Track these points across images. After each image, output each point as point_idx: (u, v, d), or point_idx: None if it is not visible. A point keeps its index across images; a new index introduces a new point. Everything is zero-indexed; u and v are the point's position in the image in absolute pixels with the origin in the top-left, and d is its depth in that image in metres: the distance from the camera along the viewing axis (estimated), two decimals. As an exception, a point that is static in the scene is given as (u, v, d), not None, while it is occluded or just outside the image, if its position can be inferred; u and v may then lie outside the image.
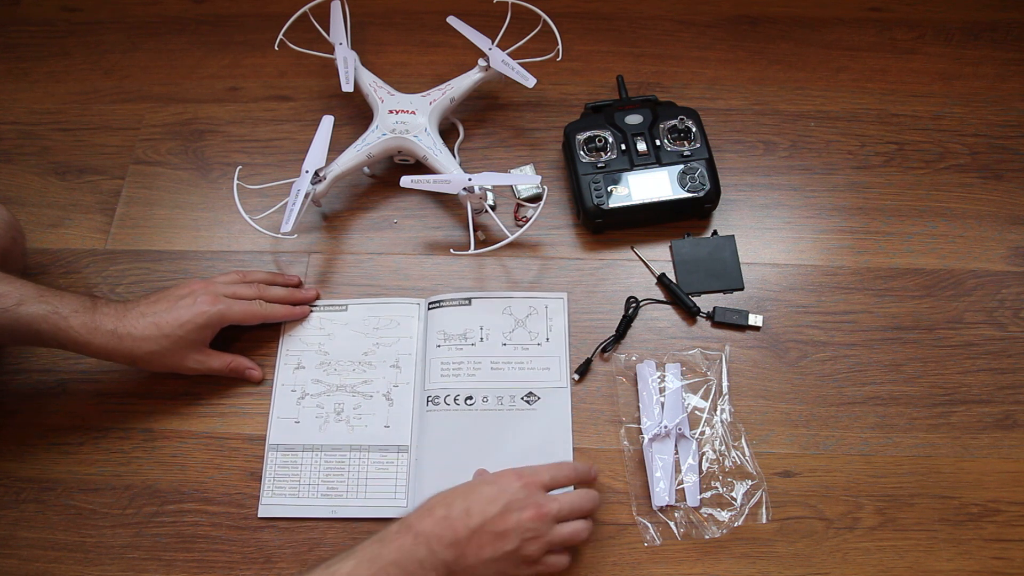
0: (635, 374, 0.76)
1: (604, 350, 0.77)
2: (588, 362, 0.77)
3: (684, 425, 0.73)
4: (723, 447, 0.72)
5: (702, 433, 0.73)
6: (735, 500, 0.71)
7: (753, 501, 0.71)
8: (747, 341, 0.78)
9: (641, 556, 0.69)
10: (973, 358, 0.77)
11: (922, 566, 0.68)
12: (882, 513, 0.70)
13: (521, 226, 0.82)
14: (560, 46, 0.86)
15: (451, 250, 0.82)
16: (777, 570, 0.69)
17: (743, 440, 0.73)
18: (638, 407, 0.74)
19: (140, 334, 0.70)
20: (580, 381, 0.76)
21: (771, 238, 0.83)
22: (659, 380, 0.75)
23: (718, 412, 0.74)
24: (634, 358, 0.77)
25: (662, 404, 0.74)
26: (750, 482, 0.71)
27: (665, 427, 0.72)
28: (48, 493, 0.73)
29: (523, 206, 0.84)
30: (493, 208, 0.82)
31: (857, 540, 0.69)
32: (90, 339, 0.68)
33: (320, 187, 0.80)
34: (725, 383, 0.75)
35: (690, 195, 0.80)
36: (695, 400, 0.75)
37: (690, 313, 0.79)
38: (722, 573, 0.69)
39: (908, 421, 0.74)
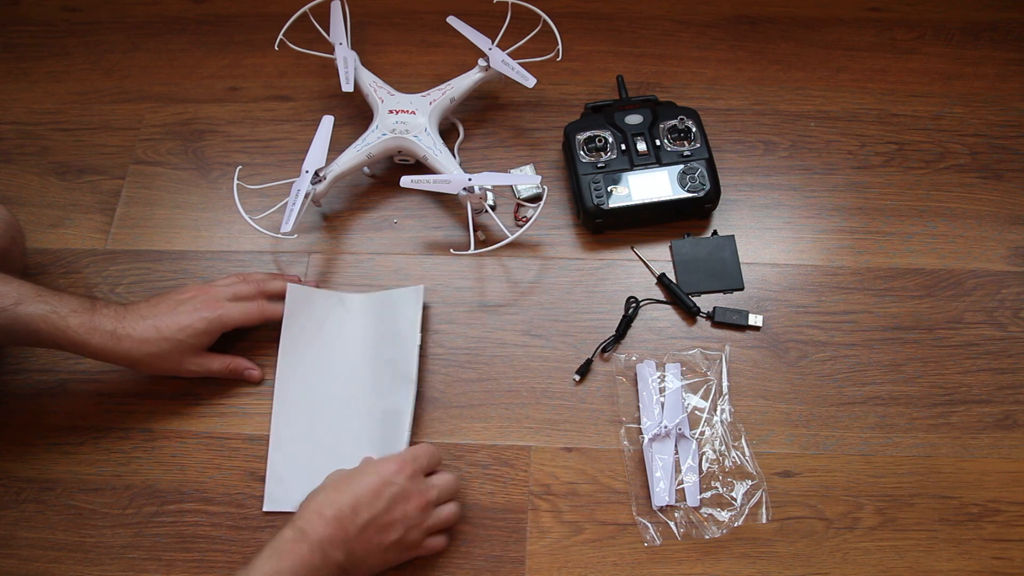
0: (635, 374, 0.76)
1: (604, 350, 0.77)
2: (588, 362, 0.77)
3: (684, 425, 0.73)
4: (723, 447, 0.72)
5: (702, 433, 0.73)
6: (735, 500, 0.71)
7: (753, 501, 0.71)
8: (747, 341, 0.78)
9: (641, 556, 0.69)
10: (973, 358, 0.77)
11: (922, 566, 0.68)
12: (882, 513, 0.70)
13: (521, 226, 0.82)
14: (560, 46, 0.86)
15: (451, 250, 0.81)
16: (777, 570, 0.69)
17: (743, 440, 0.73)
18: (638, 407, 0.74)
19: (139, 336, 0.69)
20: (581, 381, 0.76)
21: (771, 238, 0.83)
22: (659, 380, 0.75)
23: (718, 412, 0.74)
24: (634, 358, 0.77)
25: (662, 404, 0.74)
26: (750, 482, 0.71)
27: (665, 427, 0.72)
28: (48, 493, 0.73)
29: (523, 206, 0.84)
30: (493, 208, 0.82)
31: (857, 540, 0.69)
32: (88, 339, 0.68)
33: (320, 187, 0.80)
34: (725, 383, 0.75)
35: (690, 195, 0.80)
36: (695, 400, 0.74)
37: (690, 313, 0.79)
38: (722, 573, 0.69)
39: (908, 421, 0.74)
